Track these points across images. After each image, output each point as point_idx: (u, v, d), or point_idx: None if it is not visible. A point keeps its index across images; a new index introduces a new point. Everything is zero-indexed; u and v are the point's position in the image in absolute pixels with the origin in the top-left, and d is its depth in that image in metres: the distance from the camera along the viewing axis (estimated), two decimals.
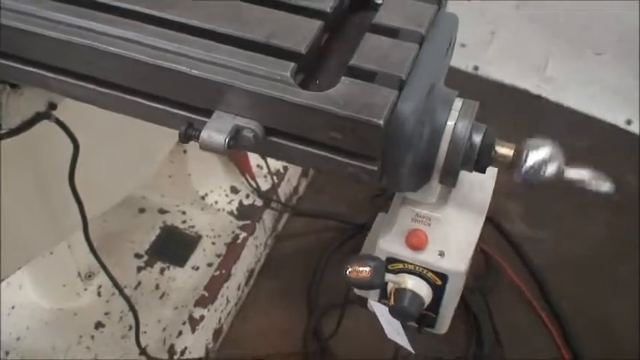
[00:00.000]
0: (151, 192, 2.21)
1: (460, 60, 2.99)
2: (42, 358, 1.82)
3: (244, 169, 2.18)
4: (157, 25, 0.88)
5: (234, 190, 2.23)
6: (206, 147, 0.82)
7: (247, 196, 2.23)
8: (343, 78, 0.82)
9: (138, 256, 2.10)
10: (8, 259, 1.32)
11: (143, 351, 1.69)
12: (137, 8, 0.90)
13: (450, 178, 0.92)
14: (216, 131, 0.82)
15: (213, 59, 0.83)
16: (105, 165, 1.44)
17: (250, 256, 2.16)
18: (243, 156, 2.16)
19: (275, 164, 2.29)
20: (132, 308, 1.56)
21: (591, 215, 2.45)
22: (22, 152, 1.21)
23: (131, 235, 2.15)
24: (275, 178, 2.26)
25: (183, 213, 2.21)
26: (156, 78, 0.85)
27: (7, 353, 1.81)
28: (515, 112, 2.79)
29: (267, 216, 2.24)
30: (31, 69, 0.94)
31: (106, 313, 1.93)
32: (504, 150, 0.90)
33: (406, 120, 0.79)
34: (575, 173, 0.90)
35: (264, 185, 2.25)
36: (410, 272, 0.99)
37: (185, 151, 2.07)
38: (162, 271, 2.07)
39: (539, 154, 0.88)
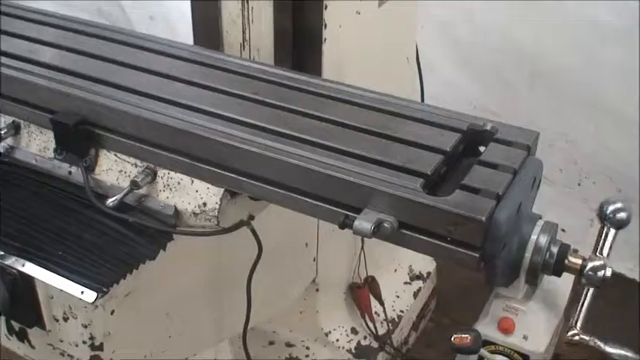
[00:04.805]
0: (281, 327, 2.53)
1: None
2: None
3: (365, 312, 2.49)
4: (324, 149, 1.28)
5: (354, 331, 2.52)
6: (357, 232, 1.18)
7: (365, 338, 2.52)
8: (457, 191, 1.17)
9: None
10: (176, 349, 1.64)
11: None
12: (309, 137, 1.31)
13: (533, 279, 1.23)
14: (365, 221, 1.17)
15: (367, 173, 1.21)
16: (265, 280, 1.78)
17: None
18: (366, 301, 2.48)
19: (390, 313, 2.59)
20: None
21: None
22: (209, 251, 1.59)
23: None
24: (390, 325, 2.56)
25: (307, 348, 2.51)
26: (326, 184, 1.23)
27: None
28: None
29: (381, 358, 2.51)
30: (229, 174, 1.34)
31: None
32: (575, 259, 1.22)
33: (502, 222, 1.13)
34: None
35: (381, 330, 2.53)
36: (499, 353, 1.28)
37: (318, 290, 2.39)
38: None
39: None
